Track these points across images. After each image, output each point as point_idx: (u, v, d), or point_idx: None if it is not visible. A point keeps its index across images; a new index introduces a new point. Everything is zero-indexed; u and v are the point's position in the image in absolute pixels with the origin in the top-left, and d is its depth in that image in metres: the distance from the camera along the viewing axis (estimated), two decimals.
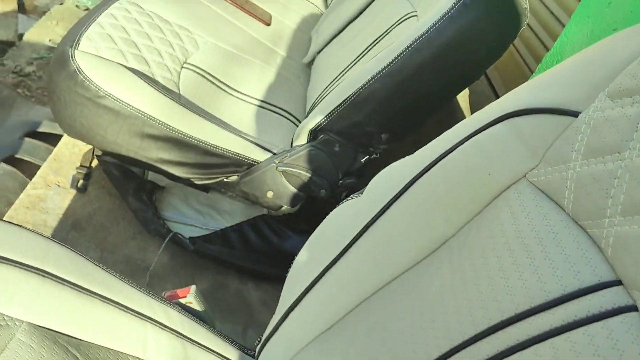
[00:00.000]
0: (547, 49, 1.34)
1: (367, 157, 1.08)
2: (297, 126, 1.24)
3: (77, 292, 0.63)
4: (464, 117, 1.55)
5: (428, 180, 0.52)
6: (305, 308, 0.61)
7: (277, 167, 1.10)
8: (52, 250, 0.64)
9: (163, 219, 1.20)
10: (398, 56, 0.92)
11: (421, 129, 1.08)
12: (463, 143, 0.50)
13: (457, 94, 1.03)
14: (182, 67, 1.19)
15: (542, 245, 0.40)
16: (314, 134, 1.07)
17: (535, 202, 0.44)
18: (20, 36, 2.51)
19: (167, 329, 0.66)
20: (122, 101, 1.02)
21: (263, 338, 0.67)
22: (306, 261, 0.63)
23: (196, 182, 1.14)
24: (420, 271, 0.51)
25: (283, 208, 1.20)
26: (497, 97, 1.65)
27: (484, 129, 0.49)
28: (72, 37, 1.08)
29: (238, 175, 1.15)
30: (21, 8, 2.82)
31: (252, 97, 1.26)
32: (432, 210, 0.51)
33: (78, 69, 1.02)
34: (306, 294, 0.61)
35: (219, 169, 1.12)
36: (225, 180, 1.16)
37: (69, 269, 0.64)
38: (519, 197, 0.45)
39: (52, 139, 1.73)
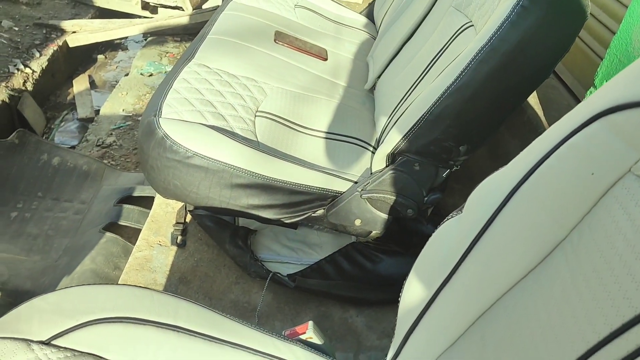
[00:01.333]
0: (612, 32, 1.31)
1: (448, 170, 1.09)
2: (370, 151, 1.27)
3: (209, 342, 0.68)
4: (535, 113, 1.53)
5: (528, 190, 0.54)
6: (423, 330, 0.63)
7: (361, 195, 1.13)
8: (181, 306, 0.70)
9: (260, 260, 1.26)
10: (464, 70, 0.94)
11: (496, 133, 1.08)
12: (558, 148, 0.51)
13: (530, 94, 1.02)
14: (255, 115, 1.25)
15: None
16: (392, 157, 1.10)
17: None
18: (97, 111, 2.72)
19: None
20: (209, 158, 1.09)
21: None
22: (417, 286, 0.65)
23: (286, 222, 1.19)
24: (538, 277, 0.52)
25: (372, 233, 1.22)
26: (566, 87, 1.62)
27: (578, 131, 0.50)
28: (154, 107, 1.17)
29: (324, 209, 1.19)
30: (92, 85, 3.05)
31: (323, 132, 1.30)
32: (538, 217, 0.52)
33: (165, 135, 1.10)
34: (422, 316, 0.63)
35: (305, 205, 1.17)
36: (312, 215, 1.20)
37: (198, 322, 0.69)
38: (628, 192, 0.46)
39: (142, 201, 1.85)
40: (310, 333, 0.74)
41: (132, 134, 2.43)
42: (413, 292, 0.65)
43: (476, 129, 1.01)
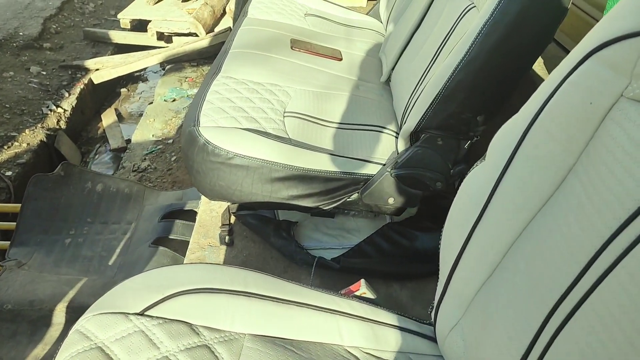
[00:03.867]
0: None
1: (469, 141, 1.17)
2: (394, 136, 1.36)
3: (277, 303, 0.77)
4: None
5: (539, 126, 0.62)
6: (465, 266, 0.71)
7: (391, 174, 1.22)
8: (249, 276, 0.80)
9: (304, 248, 1.35)
10: (472, 45, 1.03)
11: (509, 102, 1.16)
12: (560, 87, 0.60)
13: (535, 61, 1.10)
14: (284, 115, 1.35)
15: None
16: (415, 135, 1.19)
17: (638, 112, 0.53)
18: (128, 141, 2.86)
19: (353, 317, 0.78)
20: (249, 156, 1.19)
21: (435, 305, 0.78)
22: (454, 228, 0.73)
23: (324, 208, 1.28)
24: (556, 200, 0.60)
25: (405, 211, 1.31)
26: None
27: (575, 70, 0.59)
28: (192, 117, 1.28)
29: (358, 192, 1.28)
30: (119, 117, 3.21)
31: (347, 124, 1.40)
32: (551, 148, 0.61)
33: (206, 141, 1.20)
34: (462, 254, 0.71)
35: (340, 191, 1.26)
36: (348, 200, 1.29)
37: (265, 287, 0.79)
38: (622, 113, 0.54)
39: (183, 216, 1.97)
40: (363, 289, 0.83)
41: (164, 157, 2.56)
42: (451, 235, 0.74)
43: (490, 98, 1.09)
